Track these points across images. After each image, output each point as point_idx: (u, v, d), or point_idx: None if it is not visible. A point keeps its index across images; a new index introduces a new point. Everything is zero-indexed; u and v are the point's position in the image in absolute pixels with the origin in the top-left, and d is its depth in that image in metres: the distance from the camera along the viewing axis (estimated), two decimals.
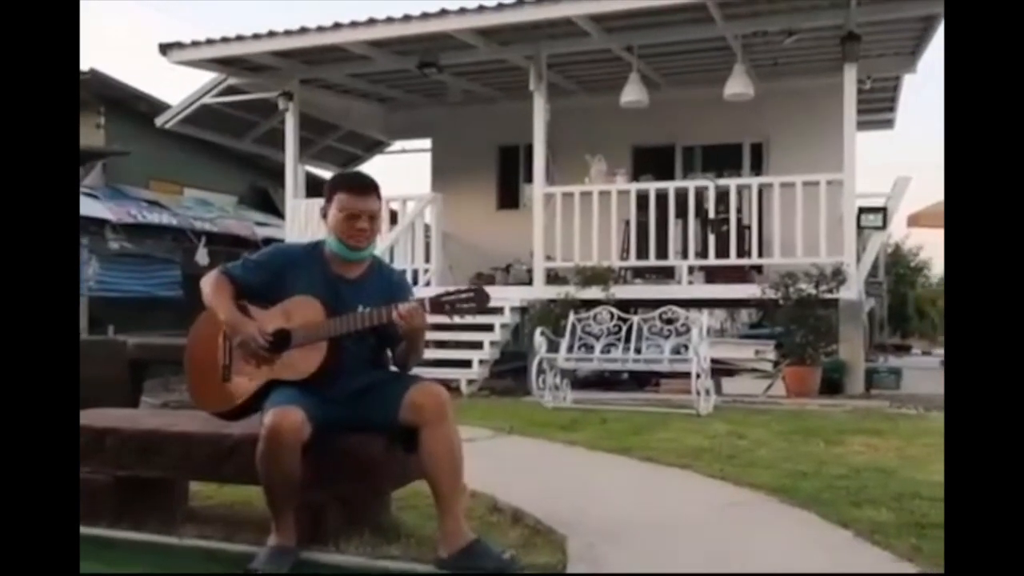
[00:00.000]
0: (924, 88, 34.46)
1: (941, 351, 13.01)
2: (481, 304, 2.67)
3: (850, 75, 7.75)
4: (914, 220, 9.76)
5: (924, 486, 3.56)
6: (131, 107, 11.88)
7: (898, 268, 21.57)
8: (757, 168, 10.24)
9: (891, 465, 4.08)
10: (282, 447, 2.48)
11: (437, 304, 2.66)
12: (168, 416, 3.33)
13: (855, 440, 4.84)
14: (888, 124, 12.60)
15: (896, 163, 11.57)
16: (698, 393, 6.16)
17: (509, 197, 11.34)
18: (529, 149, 9.13)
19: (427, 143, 12.18)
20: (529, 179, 9.37)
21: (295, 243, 3.40)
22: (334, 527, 2.81)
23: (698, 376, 6.19)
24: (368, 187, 2.80)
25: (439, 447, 2.58)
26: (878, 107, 11.32)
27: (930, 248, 23.25)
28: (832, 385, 7.40)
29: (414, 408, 2.61)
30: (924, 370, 10.13)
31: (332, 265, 2.82)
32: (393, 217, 9.68)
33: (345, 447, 2.74)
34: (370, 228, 2.78)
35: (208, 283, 2.81)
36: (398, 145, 13.36)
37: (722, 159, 10.29)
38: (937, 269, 24.50)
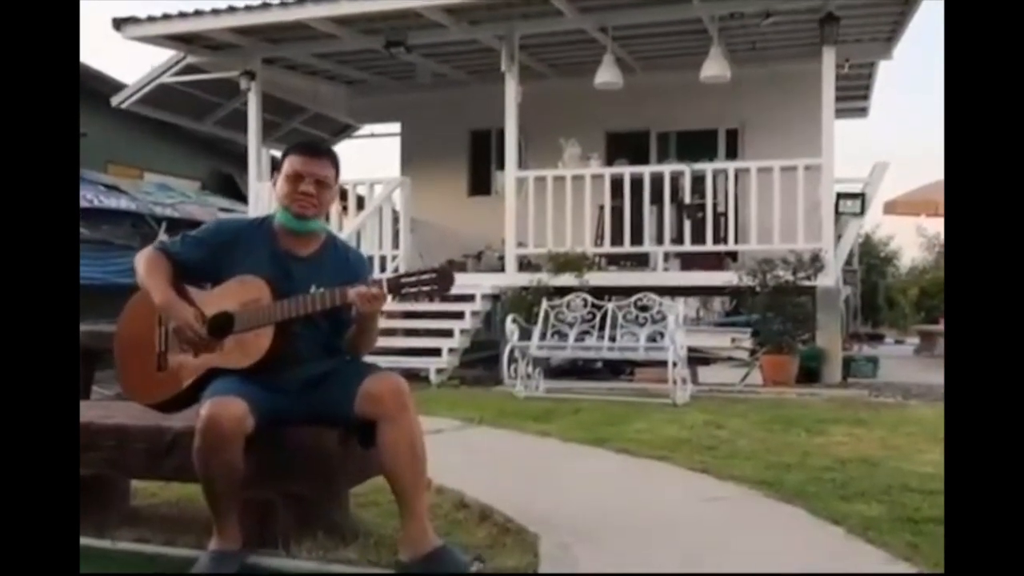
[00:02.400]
0: (898, 76, 34.69)
1: (914, 340, 13.02)
2: (444, 287, 2.39)
3: (828, 58, 7.60)
4: (890, 207, 9.68)
5: (913, 477, 3.40)
6: (88, 87, 11.40)
7: (868, 258, 21.69)
8: (732, 155, 10.08)
9: (876, 456, 3.92)
10: (221, 440, 2.23)
11: (396, 286, 2.39)
12: (104, 408, 3.05)
13: (837, 430, 4.68)
14: (862, 112, 12.54)
15: (869, 152, 11.53)
16: (674, 382, 5.99)
17: (480, 183, 11.09)
18: (501, 134, 8.88)
19: (396, 127, 11.89)
20: (501, 166, 9.12)
21: (241, 218, 3.12)
22: (284, 528, 2.56)
23: (675, 364, 6.01)
24: (318, 151, 2.56)
25: (399, 441, 2.34)
26: (852, 95, 11.23)
27: (900, 238, 23.40)
28: (809, 374, 7.27)
29: (371, 399, 2.37)
30: (899, 358, 10.12)
31: (281, 241, 2.56)
32: (360, 202, 9.39)
33: (295, 441, 2.49)
34: (317, 195, 2.51)
35: (142, 261, 2.54)
36: (367, 129, 13.01)
37: (697, 145, 10.10)
38: (906, 259, 24.70)
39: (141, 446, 2.65)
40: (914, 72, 24.17)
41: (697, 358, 7.43)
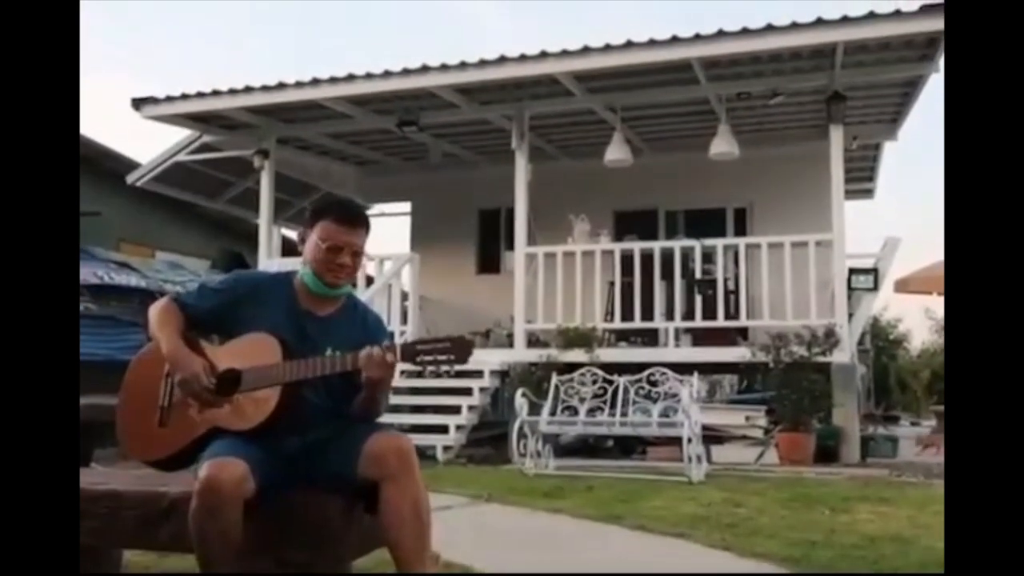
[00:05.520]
0: (904, 157, 35.19)
1: (930, 422, 12.75)
2: (461, 357, 2.26)
3: (836, 135, 7.68)
4: (902, 285, 9.60)
5: None
6: (103, 166, 11.62)
7: (877, 341, 21.52)
8: (741, 234, 10.08)
9: (907, 534, 3.73)
10: (219, 503, 2.10)
11: (410, 352, 2.28)
12: (96, 474, 2.93)
13: (862, 508, 4.49)
14: (868, 193, 12.64)
15: (876, 233, 11.55)
16: (689, 459, 5.79)
17: (489, 261, 11.10)
18: (510, 213, 8.94)
19: (407, 207, 12.00)
20: (510, 245, 9.16)
21: (261, 271, 3.05)
22: None
23: (689, 440, 5.83)
24: (357, 218, 2.47)
25: (402, 504, 2.21)
26: (859, 176, 11.32)
27: (909, 321, 23.25)
28: (826, 453, 7.06)
29: (373, 459, 2.24)
30: (916, 440, 9.84)
31: (301, 299, 2.47)
32: (370, 281, 9.38)
33: (297, 507, 2.35)
34: (352, 265, 2.44)
35: (155, 311, 2.46)
36: (377, 209, 13.13)
37: (706, 224, 10.12)
38: (916, 342, 24.48)
39: (135, 512, 2.51)
40: (920, 153, 24.65)
41: (710, 436, 7.23)
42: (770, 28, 7.07)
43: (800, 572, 2.15)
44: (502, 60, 7.74)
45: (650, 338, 8.60)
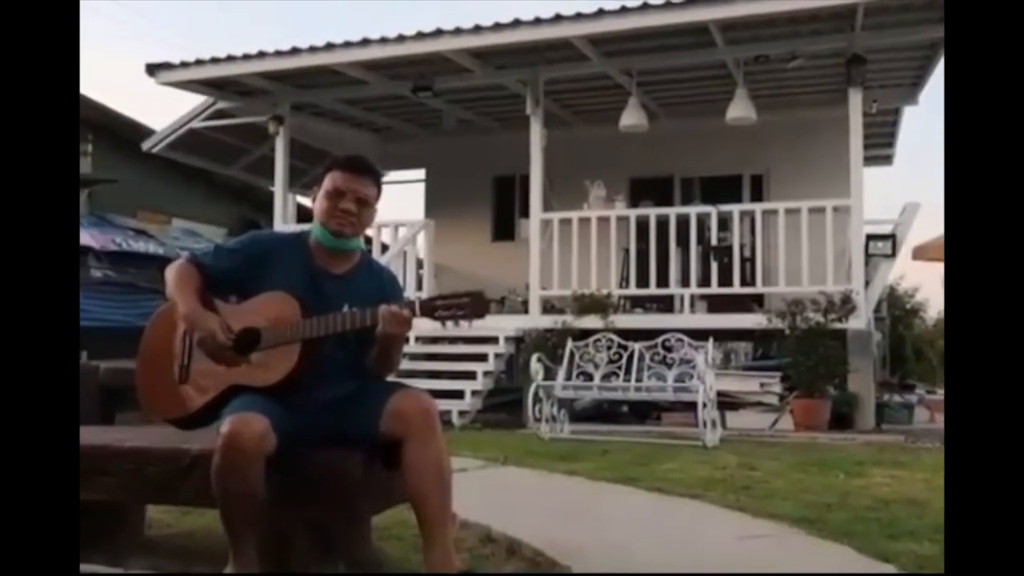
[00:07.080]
0: (924, 123, 34.55)
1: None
2: (478, 311, 2.29)
3: (855, 98, 7.57)
4: (920, 252, 9.52)
5: None
6: (120, 134, 11.65)
7: (894, 310, 21.35)
8: (758, 200, 9.99)
9: (922, 497, 3.74)
10: (242, 458, 2.13)
11: (429, 308, 2.31)
12: (118, 431, 2.97)
13: (876, 472, 4.50)
14: (887, 160, 12.48)
15: (895, 199, 11.42)
16: (704, 424, 5.82)
17: (504, 228, 11.08)
18: (525, 180, 8.89)
19: (421, 174, 11.97)
20: (525, 212, 9.12)
21: (277, 231, 3.06)
22: (303, 558, 2.45)
23: (704, 405, 5.84)
24: (362, 168, 2.48)
25: (426, 463, 2.24)
26: (877, 141, 11.17)
27: (926, 289, 23.05)
28: (841, 419, 7.06)
29: (398, 417, 2.27)
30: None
31: (316, 257, 2.50)
32: (385, 249, 9.40)
33: (316, 464, 2.38)
34: (358, 214, 2.45)
35: (172, 272, 2.49)
36: (392, 176, 13.11)
37: (722, 191, 10.01)
38: (932, 312, 24.29)
39: (157, 469, 2.55)
40: (941, 118, 24.08)
41: (725, 403, 7.25)
42: None
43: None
44: (516, 24, 7.66)
45: (665, 304, 8.59)
